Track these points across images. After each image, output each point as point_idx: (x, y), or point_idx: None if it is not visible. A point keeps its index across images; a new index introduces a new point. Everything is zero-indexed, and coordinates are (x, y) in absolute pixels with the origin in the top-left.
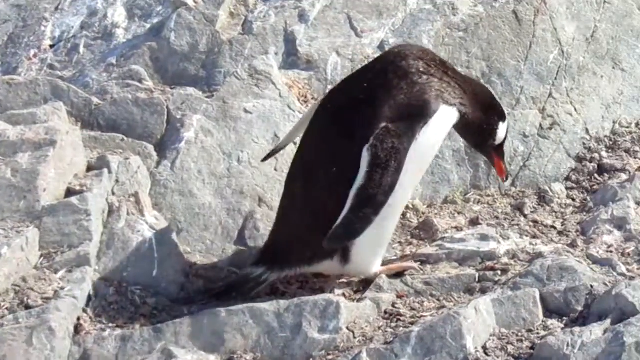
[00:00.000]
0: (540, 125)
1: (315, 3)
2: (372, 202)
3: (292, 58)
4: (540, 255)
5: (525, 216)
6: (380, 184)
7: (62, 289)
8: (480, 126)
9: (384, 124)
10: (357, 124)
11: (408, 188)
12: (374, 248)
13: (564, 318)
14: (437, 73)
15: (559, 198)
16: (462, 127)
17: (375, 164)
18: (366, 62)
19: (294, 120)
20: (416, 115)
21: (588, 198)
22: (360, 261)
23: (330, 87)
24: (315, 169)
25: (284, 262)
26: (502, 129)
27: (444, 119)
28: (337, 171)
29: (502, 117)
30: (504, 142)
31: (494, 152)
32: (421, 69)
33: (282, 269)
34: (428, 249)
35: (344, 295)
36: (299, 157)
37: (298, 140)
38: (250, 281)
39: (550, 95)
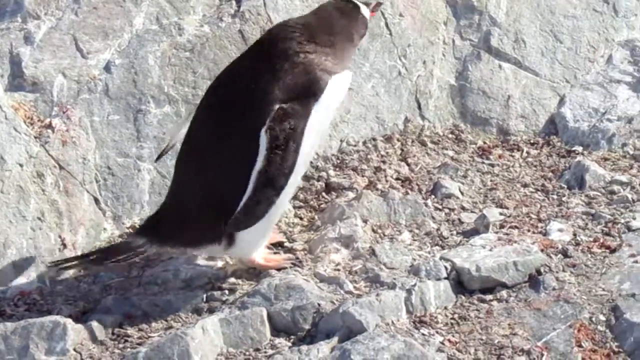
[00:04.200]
0: None
1: (41, 25)
2: (273, 185)
3: (17, 80)
4: (267, 274)
5: None
6: (280, 166)
7: None
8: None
9: (278, 106)
10: (249, 107)
11: (302, 167)
12: (261, 231)
13: (292, 337)
14: (310, 48)
15: (286, 217)
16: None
17: (275, 146)
18: (94, 82)
19: (20, 143)
20: (307, 93)
21: (316, 217)
22: (245, 244)
23: (56, 108)
24: (208, 153)
25: (167, 238)
26: (364, 10)
27: (337, 87)
28: (230, 154)
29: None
30: None
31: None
32: (297, 49)
33: (163, 244)
34: (156, 269)
35: (70, 316)
36: (189, 139)
37: None
38: (129, 250)
39: None
